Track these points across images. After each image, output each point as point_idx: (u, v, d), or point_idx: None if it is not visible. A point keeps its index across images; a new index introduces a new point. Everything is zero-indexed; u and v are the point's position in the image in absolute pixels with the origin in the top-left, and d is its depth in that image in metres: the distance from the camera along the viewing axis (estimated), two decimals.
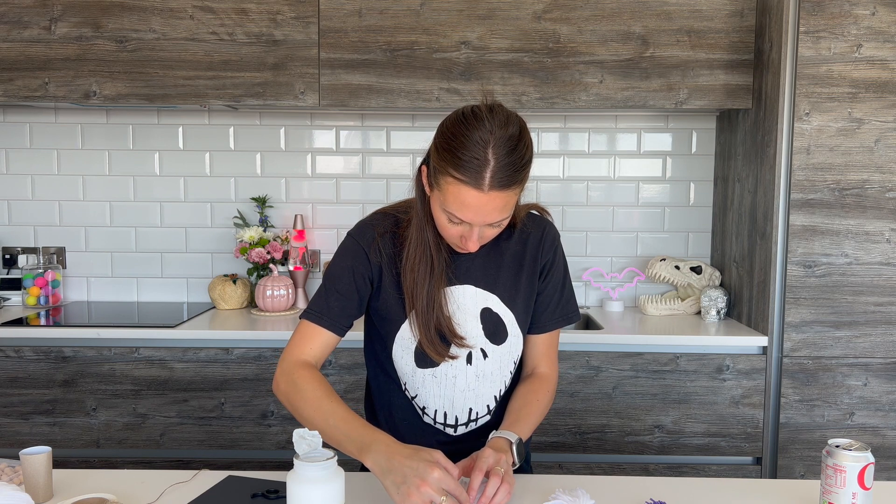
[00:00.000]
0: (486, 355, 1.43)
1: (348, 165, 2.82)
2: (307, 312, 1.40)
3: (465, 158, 1.21)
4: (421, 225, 1.37)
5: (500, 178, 1.22)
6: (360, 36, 2.39)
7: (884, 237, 2.27)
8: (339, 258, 1.42)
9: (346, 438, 1.23)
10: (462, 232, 1.30)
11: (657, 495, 1.32)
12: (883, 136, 2.24)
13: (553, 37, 2.40)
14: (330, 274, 1.42)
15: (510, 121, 1.26)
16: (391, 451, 1.17)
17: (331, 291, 1.40)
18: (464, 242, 1.32)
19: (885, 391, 2.30)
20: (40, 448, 1.28)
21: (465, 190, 1.22)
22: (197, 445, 2.35)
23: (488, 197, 1.22)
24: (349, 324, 1.42)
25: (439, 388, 1.43)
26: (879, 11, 2.20)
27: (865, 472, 1.19)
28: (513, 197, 1.26)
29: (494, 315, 1.43)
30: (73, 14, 2.39)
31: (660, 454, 2.35)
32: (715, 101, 2.43)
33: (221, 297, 2.66)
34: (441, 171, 1.25)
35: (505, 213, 1.28)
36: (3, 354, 2.32)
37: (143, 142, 2.81)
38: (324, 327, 1.39)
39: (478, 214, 1.25)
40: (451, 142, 1.24)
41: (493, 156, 1.21)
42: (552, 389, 1.49)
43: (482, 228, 1.29)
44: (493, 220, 1.27)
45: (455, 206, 1.25)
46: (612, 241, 2.85)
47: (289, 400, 1.34)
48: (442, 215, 1.30)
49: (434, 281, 1.37)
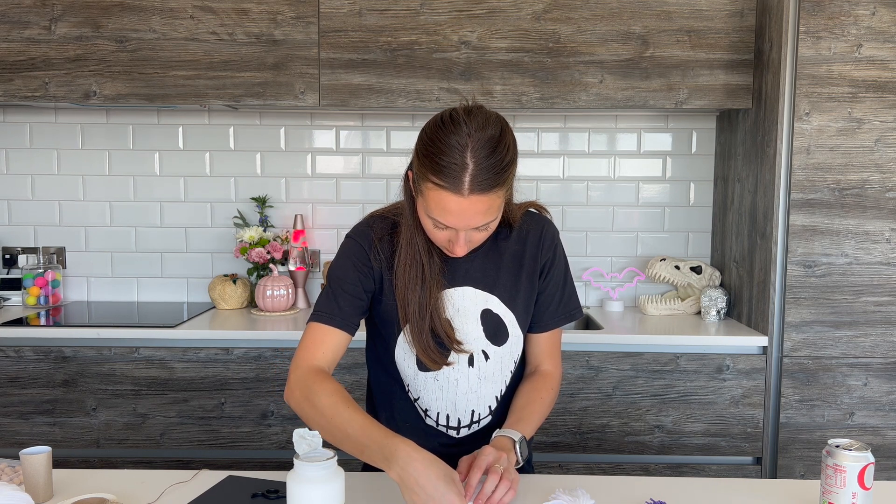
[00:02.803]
0: (488, 357, 1.43)
1: (348, 165, 2.82)
2: (316, 315, 1.38)
3: (444, 164, 1.20)
4: (410, 230, 1.36)
5: (479, 182, 1.20)
6: (360, 36, 2.39)
7: (884, 237, 2.27)
8: (342, 259, 1.41)
9: (367, 448, 1.20)
10: (449, 236, 1.29)
11: (657, 495, 1.32)
12: (883, 136, 2.24)
13: (553, 37, 2.40)
14: (334, 275, 1.41)
15: (489, 122, 1.24)
16: (415, 464, 1.13)
17: (338, 291, 1.38)
18: (451, 247, 1.31)
19: (885, 391, 2.30)
20: (40, 448, 1.28)
21: (445, 196, 1.21)
22: (197, 445, 2.35)
23: (469, 201, 1.21)
24: (358, 323, 1.41)
25: (441, 391, 1.43)
26: (879, 11, 2.20)
27: (865, 472, 1.19)
28: (496, 200, 1.24)
29: (495, 316, 1.43)
30: (73, 14, 2.39)
31: (660, 454, 2.35)
32: (715, 101, 2.43)
33: (221, 297, 2.66)
34: (422, 178, 1.24)
35: (489, 217, 1.26)
36: (3, 354, 2.32)
37: (143, 142, 2.81)
38: (335, 327, 1.36)
39: (460, 219, 1.24)
40: (429, 147, 1.23)
41: (471, 160, 1.20)
42: (555, 387, 1.49)
43: (469, 233, 1.28)
44: (477, 224, 1.26)
45: (437, 211, 1.24)
46: (612, 241, 2.85)
47: (303, 410, 1.30)
48: (427, 221, 1.29)
49: (426, 287, 1.35)
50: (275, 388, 2.32)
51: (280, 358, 2.32)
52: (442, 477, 1.13)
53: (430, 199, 1.24)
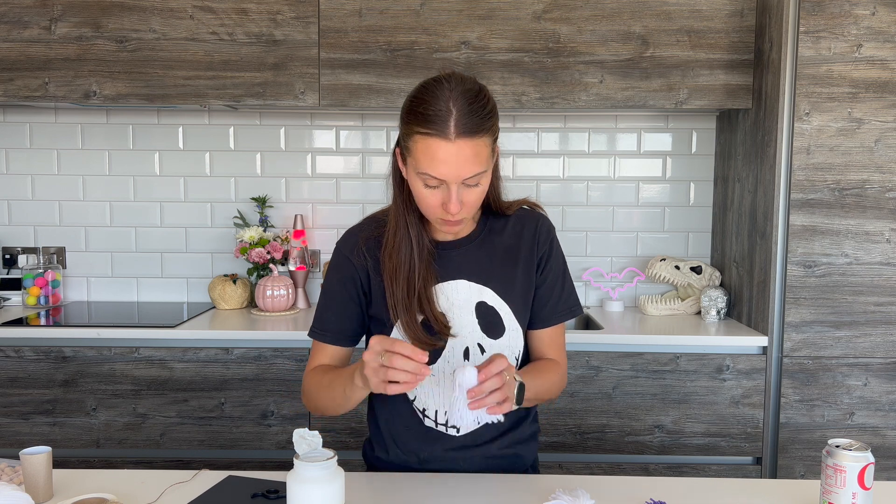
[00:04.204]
0: (484, 350, 1.42)
1: (348, 165, 2.82)
2: (311, 330, 1.48)
3: (429, 113, 1.25)
4: (400, 211, 1.38)
5: (465, 125, 1.24)
6: (360, 36, 2.39)
7: (884, 237, 2.27)
8: (330, 271, 1.49)
9: (347, 386, 1.30)
10: (442, 198, 1.30)
11: (657, 495, 1.32)
12: (883, 136, 2.24)
13: (553, 37, 2.40)
14: (324, 289, 1.49)
15: (467, 80, 1.31)
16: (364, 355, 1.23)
17: (326, 307, 1.47)
18: (446, 209, 1.30)
19: (885, 391, 2.30)
20: (40, 448, 1.29)
21: (433, 143, 1.24)
22: (197, 445, 2.35)
23: (457, 146, 1.24)
24: (354, 332, 1.46)
25: (438, 387, 1.43)
26: (879, 11, 2.20)
27: (865, 472, 1.19)
28: (483, 148, 1.27)
29: (490, 308, 1.43)
30: (73, 14, 2.39)
31: (660, 454, 2.35)
32: (715, 101, 2.43)
33: (221, 297, 2.66)
34: (408, 135, 1.28)
35: (478, 167, 1.27)
36: (3, 354, 2.32)
37: (143, 142, 2.81)
38: (328, 343, 1.46)
39: (450, 168, 1.25)
40: (413, 104, 1.29)
41: (454, 106, 1.24)
42: (562, 373, 1.48)
43: (461, 191, 1.29)
44: (467, 175, 1.27)
45: (426, 162, 1.26)
46: (612, 241, 2.85)
47: (311, 401, 1.45)
48: (418, 183, 1.30)
49: (414, 265, 1.37)
50: (275, 388, 2.32)
51: (280, 358, 2.32)
52: (378, 340, 1.20)
53: (418, 153, 1.27)
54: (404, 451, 1.46)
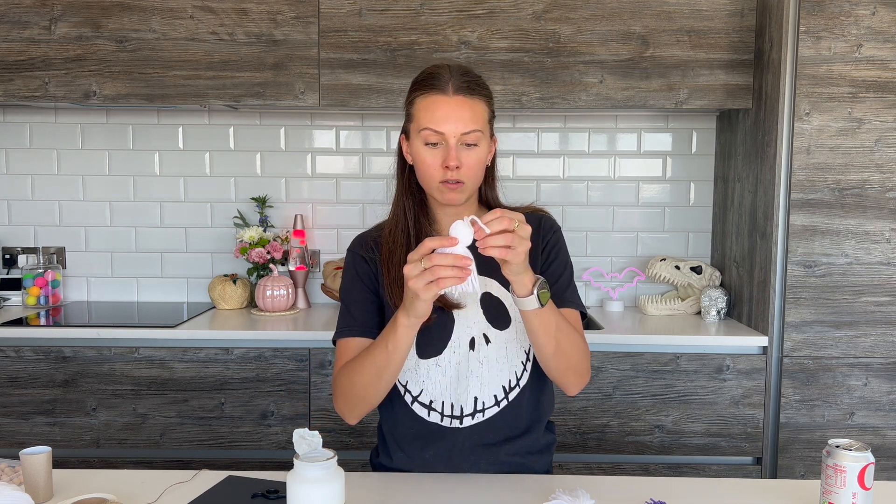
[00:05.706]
0: (489, 340, 1.43)
1: (348, 165, 2.82)
2: (337, 332, 1.47)
3: (430, 78, 1.38)
4: (399, 199, 1.45)
5: (461, 83, 1.36)
6: (360, 36, 2.39)
7: (884, 237, 2.27)
8: (345, 272, 1.51)
9: (389, 338, 1.29)
10: (443, 158, 1.35)
11: (657, 495, 1.32)
12: (883, 136, 2.24)
13: (553, 37, 2.40)
14: (342, 290, 1.51)
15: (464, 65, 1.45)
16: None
17: (349, 304, 1.47)
18: (446, 163, 1.34)
19: (885, 391, 2.30)
20: (40, 448, 1.29)
21: (432, 98, 1.36)
22: (197, 445, 2.35)
23: (455, 101, 1.35)
24: (379, 324, 1.45)
25: (444, 377, 1.43)
26: (879, 11, 2.20)
27: (865, 472, 1.19)
28: (479, 110, 1.36)
29: (495, 299, 1.44)
30: (73, 14, 2.39)
31: (660, 454, 2.35)
32: (715, 101, 2.43)
33: (221, 297, 2.66)
34: (411, 104, 1.40)
35: (474, 125, 1.35)
36: (3, 354, 2.32)
37: (143, 142, 2.81)
38: (356, 336, 1.44)
39: (448, 120, 1.34)
40: (415, 81, 1.42)
41: (451, 72, 1.38)
42: (583, 336, 1.46)
43: (461, 151, 1.35)
44: (465, 130, 1.34)
45: (426, 117, 1.35)
46: (612, 241, 2.85)
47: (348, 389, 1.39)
48: (420, 145, 1.37)
49: (410, 246, 1.40)
50: (275, 389, 2.32)
51: (280, 358, 2.32)
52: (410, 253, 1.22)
53: (419, 111, 1.37)
54: (409, 456, 1.46)
